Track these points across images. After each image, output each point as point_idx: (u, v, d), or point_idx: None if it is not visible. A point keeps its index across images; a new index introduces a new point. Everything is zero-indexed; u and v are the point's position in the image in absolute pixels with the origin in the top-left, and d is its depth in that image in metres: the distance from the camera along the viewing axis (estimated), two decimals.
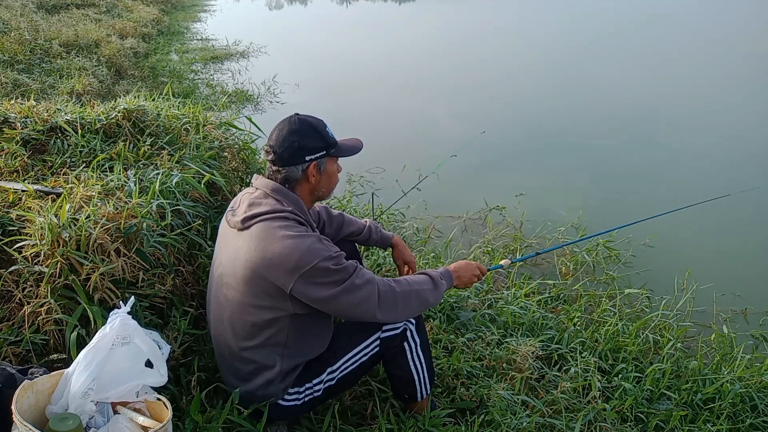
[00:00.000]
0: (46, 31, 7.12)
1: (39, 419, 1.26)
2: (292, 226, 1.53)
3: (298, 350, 1.63)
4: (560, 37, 12.74)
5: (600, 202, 4.46)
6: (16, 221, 1.83)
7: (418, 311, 1.67)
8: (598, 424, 2.04)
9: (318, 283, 1.49)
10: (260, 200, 1.59)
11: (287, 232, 1.50)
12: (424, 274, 1.71)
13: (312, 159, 1.60)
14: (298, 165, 1.60)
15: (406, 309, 1.61)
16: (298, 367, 1.66)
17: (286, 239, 1.49)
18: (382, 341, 1.71)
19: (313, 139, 1.60)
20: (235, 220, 1.59)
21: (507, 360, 2.25)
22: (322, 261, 1.48)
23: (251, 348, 1.59)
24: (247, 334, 1.58)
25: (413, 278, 1.67)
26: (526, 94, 7.95)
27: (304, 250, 1.48)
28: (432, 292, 1.67)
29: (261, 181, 1.64)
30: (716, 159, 5.50)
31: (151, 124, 2.68)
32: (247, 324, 1.57)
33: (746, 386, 2.30)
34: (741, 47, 10.98)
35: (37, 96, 4.52)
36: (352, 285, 1.51)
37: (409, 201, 3.78)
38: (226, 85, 7.43)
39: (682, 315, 3.00)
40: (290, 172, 1.61)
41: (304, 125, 1.61)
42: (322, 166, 1.64)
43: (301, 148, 1.59)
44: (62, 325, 1.64)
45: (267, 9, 20.62)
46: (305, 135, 1.59)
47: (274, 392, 1.63)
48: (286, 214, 1.55)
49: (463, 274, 1.80)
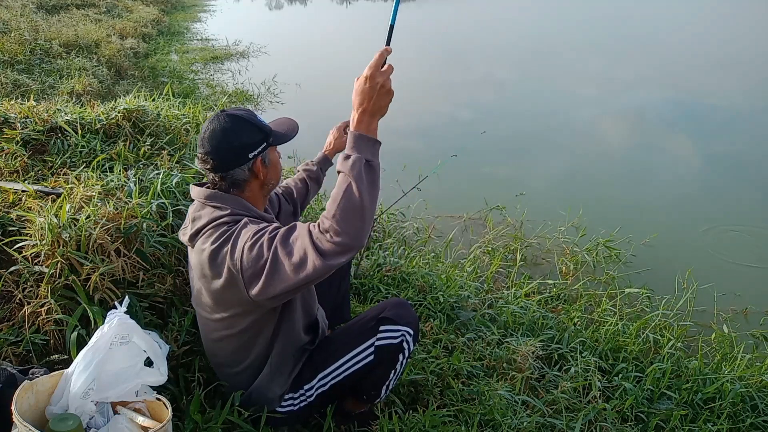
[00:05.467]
0: (46, 31, 7.12)
1: (39, 419, 1.26)
2: (221, 234, 1.40)
3: (283, 341, 1.57)
4: (561, 36, 12.73)
5: (600, 202, 4.45)
6: (16, 221, 1.83)
7: (363, 209, 1.25)
8: (599, 424, 2.03)
9: (261, 275, 1.32)
10: (200, 212, 1.49)
11: (212, 246, 1.39)
12: (339, 171, 1.31)
13: (256, 155, 1.49)
14: (243, 165, 1.48)
15: (350, 222, 1.24)
16: (288, 361, 1.61)
17: (214, 252, 1.38)
18: (377, 349, 1.61)
19: (250, 134, 1.48)
20: (185, 239, 1.51)
21: (507, 360, 2.25)
22: (246, 253, 1.33)
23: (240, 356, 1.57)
24: (232, 349, 1.56)
25: (335, 191, 1.29)
26: (527, 94, 7.95)
27: (230, 254, 1.35)
28: (360, 183, 1.26)
29: (195, 191, 1.53)
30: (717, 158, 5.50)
31: (151, 124, 2.68)
32: (230, 342, 1.54)
33: (746, 386, 2.30)
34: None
35: (37, 96, 4.52)
36: (283, 253, 1.29)
37: (409, 201, 3.78)
38: (226, 85, 7.43)
39: (682, 314, 3.00)
40: (236, 175, 1.49)
41: (236, 122, 1.47)
42: (267, 158, 1.53)
43: (242, 146, 1.46)
44: (62, 325, 1.64)
45: (267, 9, 20.64)
46: (242, 132, 1.47)
47: (272, 397, 1.61)
48: (225, 218, 1.43)
49: (373, 105, 1.30)
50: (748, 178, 4.99)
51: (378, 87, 1.28)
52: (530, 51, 11.02)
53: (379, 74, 1.28)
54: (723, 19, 15.48)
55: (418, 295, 2.65)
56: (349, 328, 1.70)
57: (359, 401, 1.78)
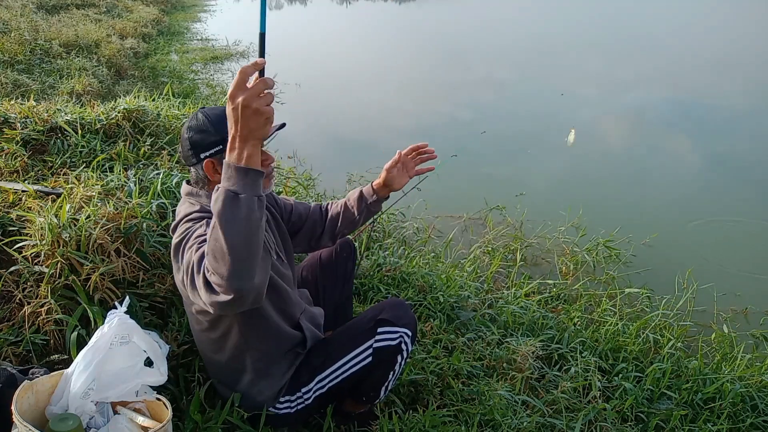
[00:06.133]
0: (46, 31, 7.12)
1: (39, 419, 1.26)
2: (185, 230, 1.37)
3: (259, 344, 1.55)
4: (561, 36, 12.73)
5: (600, 202, 4.45)
6: (16, 221, 1.83)
7: (224, 251, 1.09)
8: (599, 424, 2.03)
9: (188, 283, 1.25)
10: (180, 207, 1.50)
11: (175, 240, 1.37)
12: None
13: (207, 156, 1.43)
14: (197, 164, 1.45)
15: (218, 263, 1.11)
16: (275, 365, 1.60)
17: (176, 246, 1.35)
18: (375, 351, 1.60)
19: (206, 135, 1.41)
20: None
21: (507, 360, 2.25)
22: (186, 254, 1.28)
23: (217, 355, 1.58)
24: (209, 344, 1.57)
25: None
26: (527, 94, 7.95)
27: (183, 251, 1.31)
28: (221, 219, 1.10)
29: (183, 186, 1.54)
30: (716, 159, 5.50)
31: (151, 124, 2.68)
32: (205, 337, 1.55)
33: (746, 386, 2.30)
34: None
35: (37, 96, 4.52)
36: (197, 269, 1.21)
37: (409, 201, 3.78)
38: (226, 85, 7.43)
39: (682, 314, 3.00)
40: (195, 173, 1.48)
41: (202, 120, 1.43)
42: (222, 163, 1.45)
43: (194, 145, 1.43)
44: (62, 325, 1.64)
45: (267, 9, 20.64)
46: (200, 131, 1.42)
47: (264, 399, 1.60)
48: (193, 215, 1.41)
49: (242, 129, 1.09)
50: (749, 178, 4.99)
51: (241, 108, 1.07)
52: (530, 51, 11.02)
53: (242, 94, 1.07)
54: (723, 19, 15.48)
55: (418, 295, 2.64)
56: (347, 330, 1.68)
57: (358, 402, 1.77)
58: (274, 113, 1.12)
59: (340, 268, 2.00)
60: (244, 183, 1.11)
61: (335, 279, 1.99)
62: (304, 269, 2.00)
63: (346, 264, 2.01)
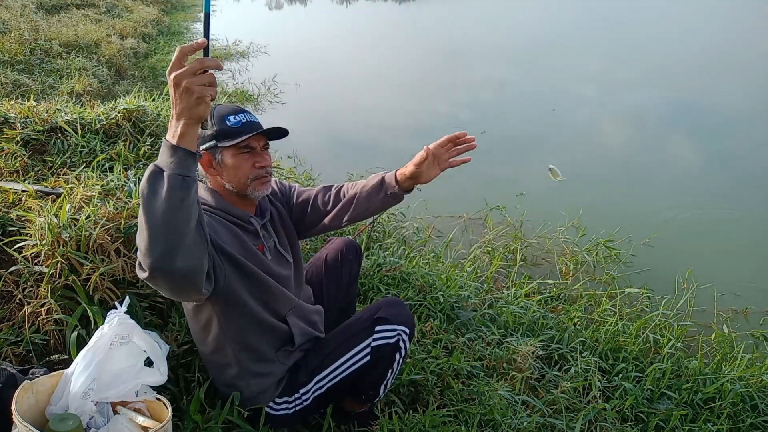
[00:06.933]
0: (46, 31, 7.12)
1: (39, 419, 1.26)
2: None
3: (239, 335, 1.54)
4: (561, 36, 12.73)
5: (600, 202, 4.45)
6: (16, 221, 1.83)
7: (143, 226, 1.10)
8: (599, 424, 2.04)
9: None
10: None
11: None
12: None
13: (204, 149, 1.47)
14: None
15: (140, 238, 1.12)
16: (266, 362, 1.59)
17: None
18: (374, 349, 1.60)
19: (202, 129, 1.40)
20: None
21: (507, 360, 2.25)
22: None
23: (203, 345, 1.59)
24: (196, 335, 1.59)
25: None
26: (527, 94, 7.95)
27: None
28: (143, 195, 1.11)
29: None
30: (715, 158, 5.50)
31: (151, 124, 2.68)
32: (193, 326, 1.57)
33: (747, 386, 2.30)
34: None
35: (37, 96, 4.52)
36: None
37: (409, 201, 3.78)
38: (227, 85, 7.43)
39: (682, 314, 3.00)
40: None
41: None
42: (218, 158, 1.47)
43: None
44: (62, 325, 1.65)
45: (267, 9, 20.62)
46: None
47: (253, 395, 1.60)
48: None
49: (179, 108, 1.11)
50: (749, 178, 4.99)
51: (173, 86, 1.10)
52: (530, 51, 11.01)
53: (176, 72, 1.10)
54: (723, 19, 15.49)
55: (418, 295, 2.64)
56: (344, 330, 1.68)
57: (358, 401, 1.77)
58: (211, 94, 1.12)
59: (345, 271, 1.98)
60: (170, 160, 1.12)
61: (340, 281, 1.98)
62: (308, 269, 1.99)
63: (351, 267, 2.00)
